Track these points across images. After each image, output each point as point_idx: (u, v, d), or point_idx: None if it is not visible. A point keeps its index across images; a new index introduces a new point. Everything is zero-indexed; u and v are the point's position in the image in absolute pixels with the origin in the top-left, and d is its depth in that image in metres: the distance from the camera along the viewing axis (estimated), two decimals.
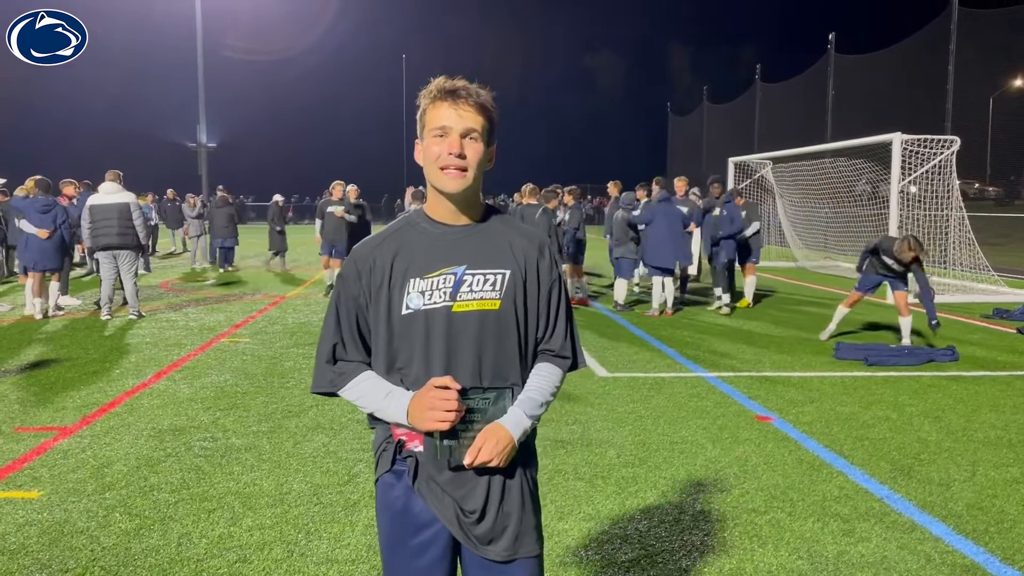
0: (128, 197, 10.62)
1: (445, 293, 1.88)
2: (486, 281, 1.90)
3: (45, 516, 4.10)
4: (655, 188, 11.95)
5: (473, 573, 1.97)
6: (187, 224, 20.76)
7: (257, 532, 3.92)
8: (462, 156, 1.85)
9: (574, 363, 2.07)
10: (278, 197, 18.94)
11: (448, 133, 1.85)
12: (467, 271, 1.90)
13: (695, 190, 14.30)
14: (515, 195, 12.76)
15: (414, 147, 1.98)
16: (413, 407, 1.85)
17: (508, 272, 1.92)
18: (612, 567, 3.59)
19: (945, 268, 15.07)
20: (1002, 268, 15.74)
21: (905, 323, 8.87)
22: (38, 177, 11.17)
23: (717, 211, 11.74)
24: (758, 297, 12.98)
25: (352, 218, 13.31)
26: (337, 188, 13.50)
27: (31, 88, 54.06)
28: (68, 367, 7.75)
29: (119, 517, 4.09)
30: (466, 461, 1.85)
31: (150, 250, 19.15)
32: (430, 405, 1.82)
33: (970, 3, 22.95)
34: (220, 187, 20.25)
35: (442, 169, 1.86)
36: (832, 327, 9.40)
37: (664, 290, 11.34)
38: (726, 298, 11.65)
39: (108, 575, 3.48)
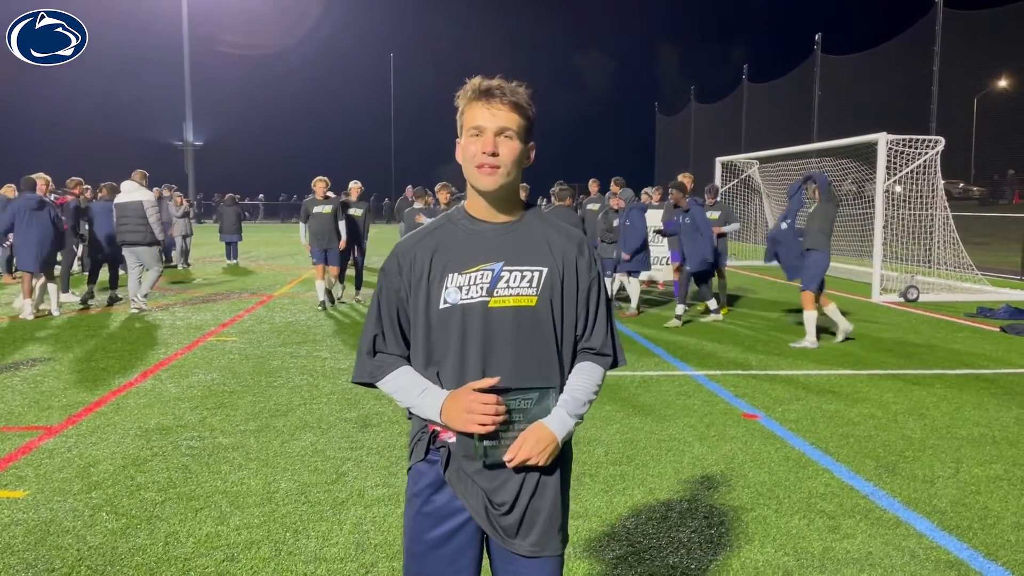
0: (143, 195, 10.73)
1: (482, 288, 1.89)
2: (523, 278, 1.92)
3: (31, 516, 4.07)
4: (615, 188, 12.00)
5: (499, 566, 1.99)
6: (173, 223, 20.73)
7: (245, 531, 3.91)
8: (495, 154, 1.87)
9: (615, 361, 2.07)
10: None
11: (483, 132, 1.88)
12: (504, 267, 1.91)
13: (646, 190, 14.19)
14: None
15: (455, 146, 1.99)
16: (448, 407, 1.86)
17: (546, 270, 1.94)
18: (599, 564, 3.61)
19: (930, 267, 15.21)
20: (986, 267, 15.89)
21: None
22: (44, 176, 11.01)
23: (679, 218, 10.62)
24: (732, 298, 13.00)
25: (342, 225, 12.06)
26: (319, 184, 11.84)
27: (15, 87, 53.60)
28: (53, 366, 7.69)
29: (105, 516, 4.07)
30: (506, 458, 1.86)
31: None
32: (468, 408, 1.82)
33: (955, 4, 23.14)
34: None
35: (477, 167, 1.88)
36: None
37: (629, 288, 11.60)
38: (712, 304, 10.98)
39: (94, 575, 3.47)
